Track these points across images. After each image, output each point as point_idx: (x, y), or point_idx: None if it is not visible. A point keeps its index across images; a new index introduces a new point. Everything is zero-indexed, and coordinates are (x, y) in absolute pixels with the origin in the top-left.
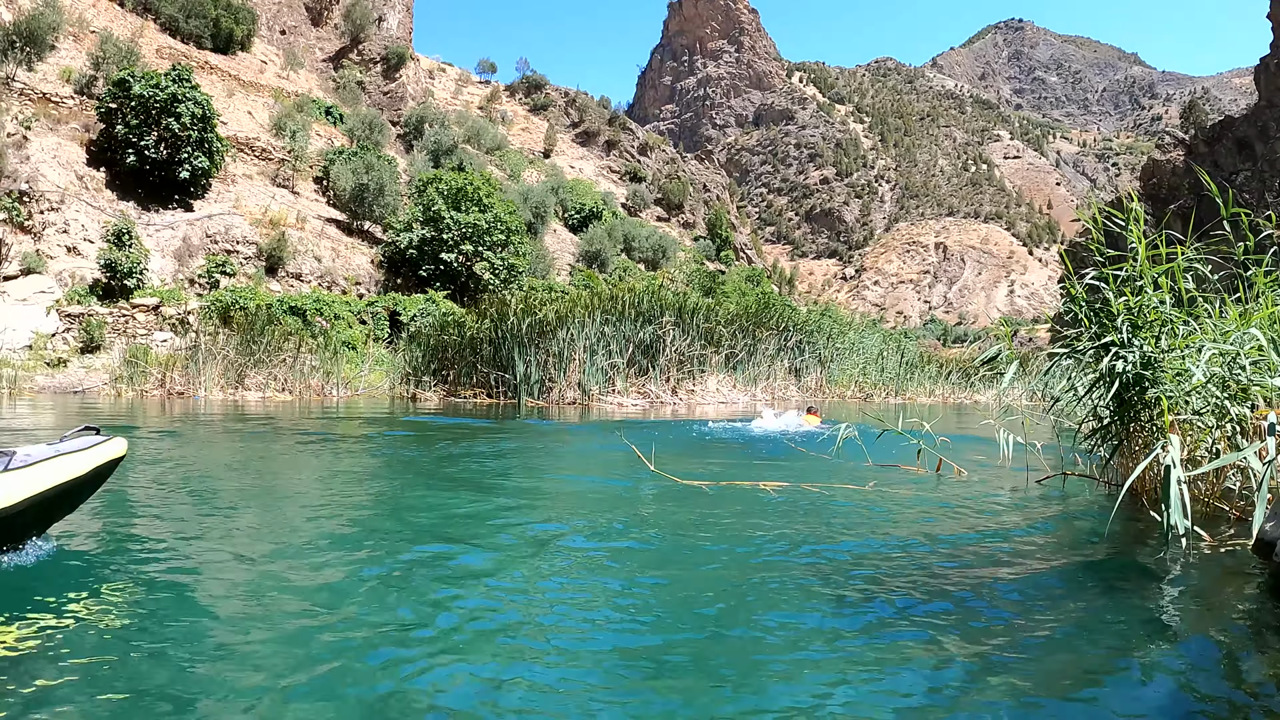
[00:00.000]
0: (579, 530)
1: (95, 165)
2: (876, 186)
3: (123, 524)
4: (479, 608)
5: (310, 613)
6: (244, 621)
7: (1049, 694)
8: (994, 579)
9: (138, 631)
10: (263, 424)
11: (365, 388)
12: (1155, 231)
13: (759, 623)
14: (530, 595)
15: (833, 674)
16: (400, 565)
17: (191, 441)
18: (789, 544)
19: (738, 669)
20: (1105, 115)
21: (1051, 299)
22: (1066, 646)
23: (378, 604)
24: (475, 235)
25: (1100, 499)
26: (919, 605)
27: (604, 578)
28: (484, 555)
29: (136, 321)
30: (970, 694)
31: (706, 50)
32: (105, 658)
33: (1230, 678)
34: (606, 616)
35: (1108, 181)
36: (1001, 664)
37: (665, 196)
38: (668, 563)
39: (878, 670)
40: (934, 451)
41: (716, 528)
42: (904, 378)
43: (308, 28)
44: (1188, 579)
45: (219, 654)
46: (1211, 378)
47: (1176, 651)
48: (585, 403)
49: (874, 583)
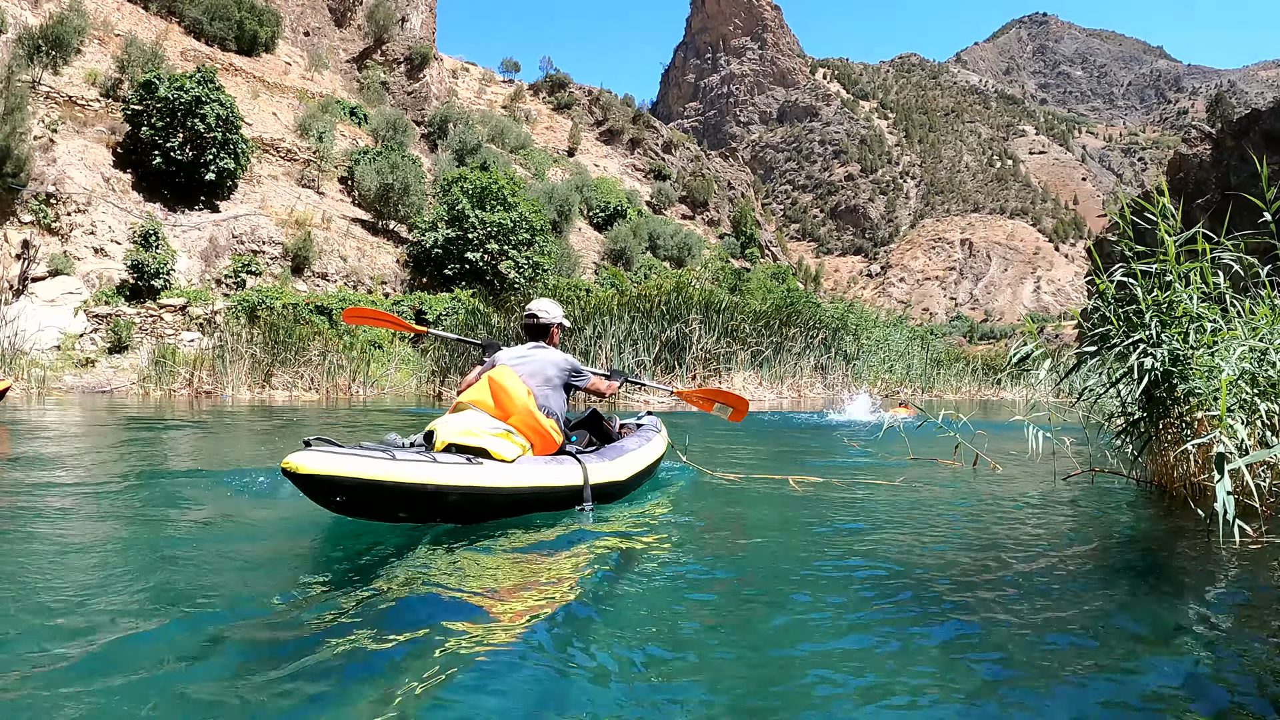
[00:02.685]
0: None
1: (121, 167)
2: (901, 183)
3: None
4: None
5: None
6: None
7: (1081, 687)
8: (1024, 575)
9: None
10: (286, 420)
11: (391, 386)
12: (1183, 226)
13: (763, 622)
14: (508, 583)
15: (846, 672)
16: (411, 545)
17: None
18: (804, 540)
19: (744, 666)
20: (1131, 109)
21: (1078, 295)
22: (1100, 641)
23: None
24: (500, 234)
25: (1130, 495)
26: (945, 602)
27: (608, 569)
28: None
29: (164, 322)
30: (994, 690)
31: (730, 47)
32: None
33: (1257, 675)
34: (605, 611)
35: (1134, 176)
36: (1033, 661)
37: (690, 194)
38: (678, 556)
39: (894, 667)
40: (971, 448)
41: (737, 522)
42: (930, 374)
43: (331, 29)
44: (1226, 573)
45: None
46: (1241, 374)
47: (1211, 647)
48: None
49: (893, 580)
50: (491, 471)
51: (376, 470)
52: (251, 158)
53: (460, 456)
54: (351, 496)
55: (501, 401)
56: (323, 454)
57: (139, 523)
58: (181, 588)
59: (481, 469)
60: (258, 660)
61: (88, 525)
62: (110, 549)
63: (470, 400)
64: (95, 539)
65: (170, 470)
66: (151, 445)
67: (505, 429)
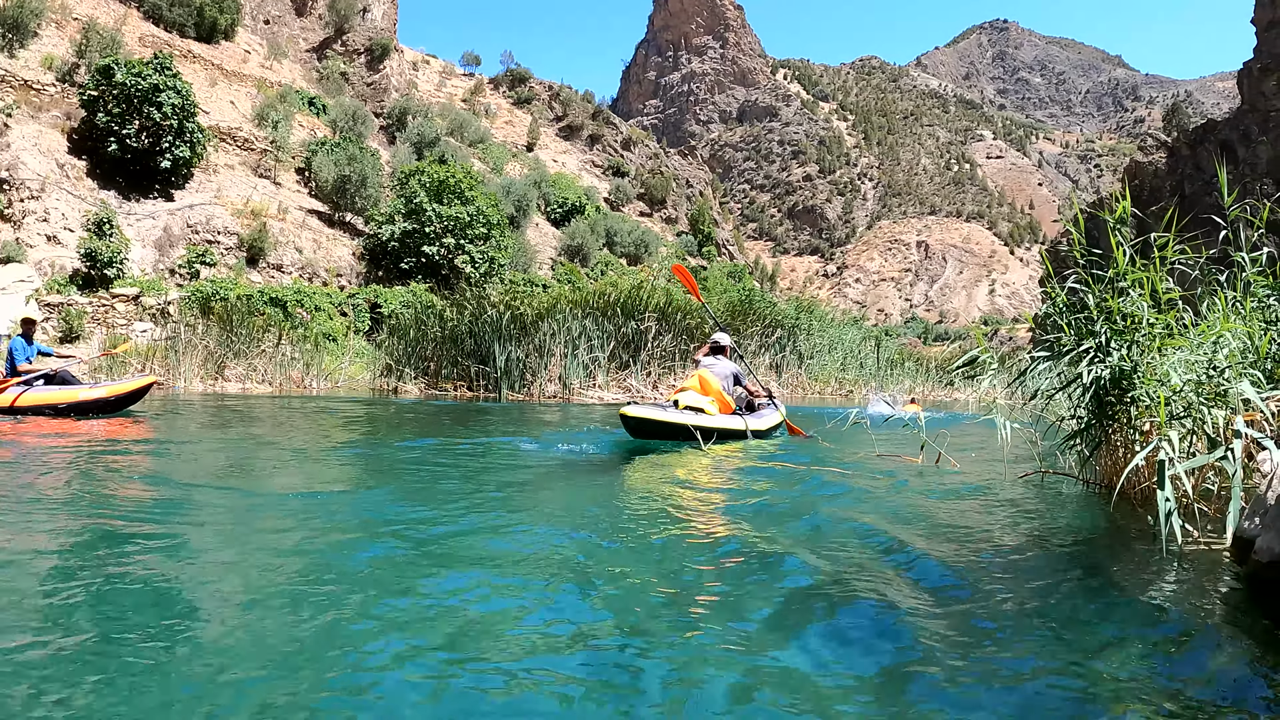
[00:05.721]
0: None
1: (77, 154)
2: (859, 184)
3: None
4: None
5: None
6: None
7: (1007, 692)
8: (964, 575)
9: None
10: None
11: (345, 380)
12: (1137, 232)
13: (689, 617)
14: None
15: (739, 672)
16: (397, 536)
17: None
18: (733, 524)
19: (666, 666)
20: (1088, 117)
21: (1032, 298)
22: (1037, 640)
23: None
24: (457, 228)
25: (1080, 496)
26: (886, 598)
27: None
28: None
29: (116, 311)
30: (925, 691)
31: (691, 46)
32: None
33: (1198, 676)
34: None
35: (1090, 183)
36: (964, 660)
37: (648, 191)
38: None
39: (823, 663)
40: (935, 446)
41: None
42: (884, 375)
43: (292, 18)
44: (1166, 577)
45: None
46: (1187, 382)
47: (1145, 649)
48: (566, 396)
49: (830, 573)
50: (705, 418)
51: (660, 415)
52: (208, 146)
53: (690, 413)
54: (649, 429)
55: (705, 386)
56: (638, 408)
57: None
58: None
59: (701, 417)
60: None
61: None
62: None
63: (689, 386)
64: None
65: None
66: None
67: (708, 400)
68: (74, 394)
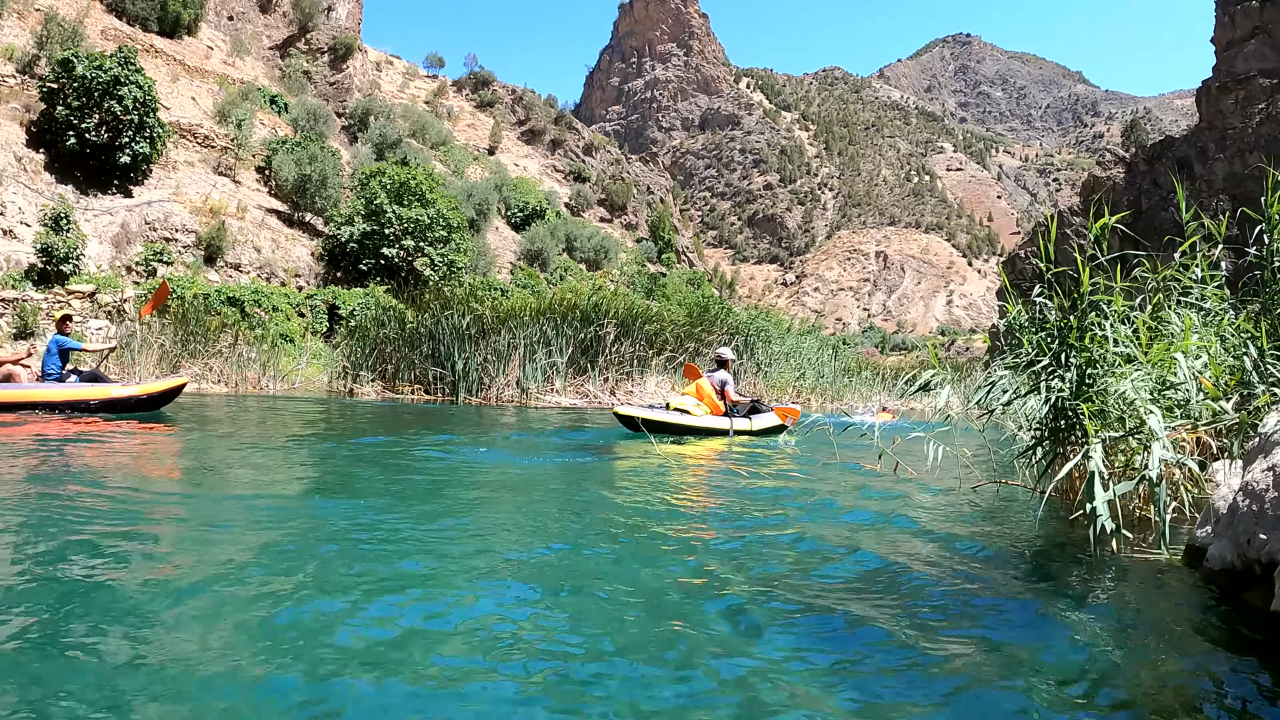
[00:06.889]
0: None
1: (35, 147)
2: (820, 194)
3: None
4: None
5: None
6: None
7: (958, 702)
8: (914, 584)
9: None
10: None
11: (302, 381)
12: (1093, 247)
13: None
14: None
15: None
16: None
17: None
18: (675, 526)
19: (614, 668)
20: (1048, 131)
21: (989, 309)
22: (984, 649)
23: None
24: (417, 230)
25: (1033, 506)
26: (823, 604)
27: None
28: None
29: (71, 308)
30: (875, 699)
31: (655, 53)
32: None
33: (1149, 683)
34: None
35: (1048, 196)
36: (913, 671)
37: (609, 197)
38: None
39: (771, 670)
40: (892, 454)
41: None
42: (841, 384)
43: (255, 14)
44: (1112, 586)
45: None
46: (1137, 397)
47: (1093, 658)
48: (523, 400)
49: (776, 581)
50: (695, 419)
51: (651, 415)
52: (168, 142)
53: (679, 413)
54: (640, 425)
55: (700, 393)
56: (630, 408)
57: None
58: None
59: (689, 418)
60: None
61: None
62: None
63: (686, 391)
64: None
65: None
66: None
67: (698, 403)
68: (105, 391)
